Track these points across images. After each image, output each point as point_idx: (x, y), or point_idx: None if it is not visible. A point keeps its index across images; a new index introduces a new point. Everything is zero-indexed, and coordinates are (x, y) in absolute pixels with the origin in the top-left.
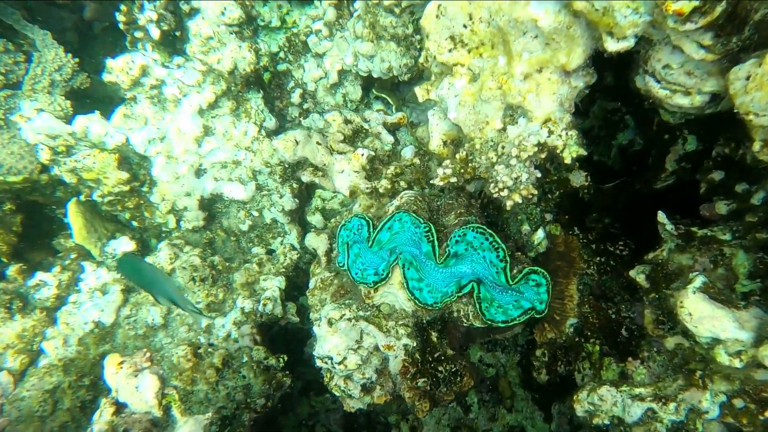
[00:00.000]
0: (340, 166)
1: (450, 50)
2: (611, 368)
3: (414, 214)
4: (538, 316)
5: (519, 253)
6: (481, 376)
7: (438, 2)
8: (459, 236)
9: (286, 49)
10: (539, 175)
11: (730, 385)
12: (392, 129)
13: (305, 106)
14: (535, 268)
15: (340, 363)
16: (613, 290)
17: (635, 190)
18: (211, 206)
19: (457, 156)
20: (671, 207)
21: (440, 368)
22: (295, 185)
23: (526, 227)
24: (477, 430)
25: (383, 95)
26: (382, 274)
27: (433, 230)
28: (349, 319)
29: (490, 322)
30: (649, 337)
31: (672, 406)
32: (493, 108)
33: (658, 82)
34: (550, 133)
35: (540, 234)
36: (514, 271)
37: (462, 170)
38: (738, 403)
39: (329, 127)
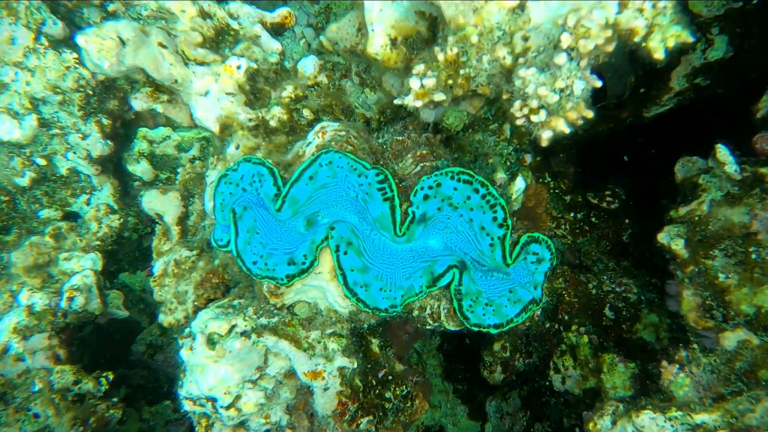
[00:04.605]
0: (203, 85)
1: None
2: (617, 369)
3: (352, 156)
4: (535, 308)
5: None
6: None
7: None
8: (429, 188)
9: None
10: (600, 84)
11: None
12: (273, 33)
13: (111, 7)
14: (536, 234)
15: (229, 406)
16: (592, 256)
17: (619, 120)
18: None
19: (441, 57)
20: (666, 142)
21: (387, 394)
22: (105, 120)
23: (501, 175)
24: None
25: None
26: (303, 263)
27: (391, 179)
28: (245, 334)
29: (476, 328)
30: (691, 330)
31: None
32: None
33: None
34: (623, 6)
35: (519, 184)
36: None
37: (451, 80)
38: None
39: (176, 21)
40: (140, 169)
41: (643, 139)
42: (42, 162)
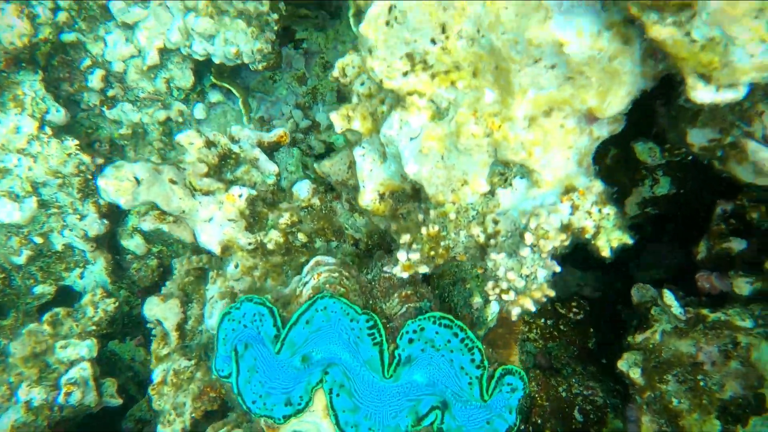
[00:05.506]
0: (207, 212)
1: (405, 73)
2: None
3: (345, 300)
4: None
5: None
6: None
7: (389, 1)
8: (414, 332)
9: (74, 13)
10: (559, 270)
11: None
12: (270, 151)
13: (110, 92)
14: (510, 367)
15: None
16: (561, 360)
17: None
18: None
19: (424, 231)
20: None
21: None
22: (102, 201)
23: (477, 299)
24: None
25: (224, 84)
26: (299, 404)
27: (380, 325)
28: None
29: None
30: None
31: None
32: (476, 163)
33: None
34: (575, 208)
35: (494, 307)
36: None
37: (433, 252)
38: None
39: (184, 152)
40: (134, 243)
41: None
42: (39, 240)
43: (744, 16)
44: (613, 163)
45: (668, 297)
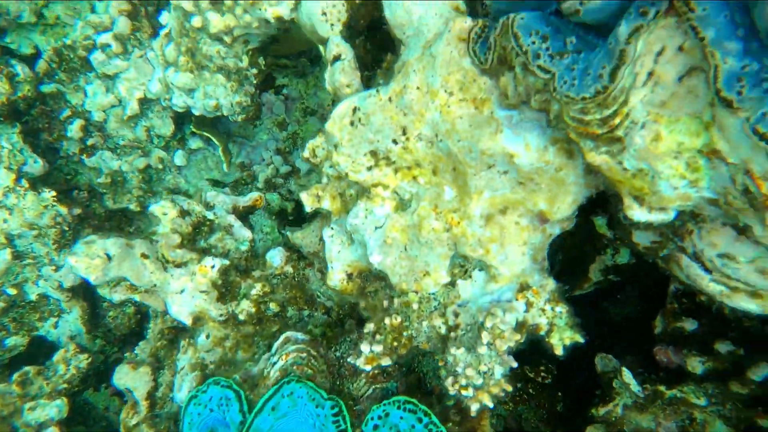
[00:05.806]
0: (179, 284)
1: (370, 168)
2: None
3: (312, 385)
4: None
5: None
6: None
7: (353, 104)
8: (379, 417)
9: (54, 64)
10: (515, 365)
11: None
12: (245, 214)
13: (90, 141)
14: None
15: None
16: (531, 423)
17: None
18: None
19: (388, 321)
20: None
21: None
22: None
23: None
24: None
25: (204, 133)
26: None
27: (345, 411)
28: None
29: None
30: None
31: None
32: (438, 255)
33: (708, 272)
34: (529, 306)
35: None
36: None
37: (396, 342)
38: None
39: (158, 223)
40: (112, 295)
41: None
42: (12, 291)
43: (665, 155)
44: (576, 230)
45: (626, 376)
